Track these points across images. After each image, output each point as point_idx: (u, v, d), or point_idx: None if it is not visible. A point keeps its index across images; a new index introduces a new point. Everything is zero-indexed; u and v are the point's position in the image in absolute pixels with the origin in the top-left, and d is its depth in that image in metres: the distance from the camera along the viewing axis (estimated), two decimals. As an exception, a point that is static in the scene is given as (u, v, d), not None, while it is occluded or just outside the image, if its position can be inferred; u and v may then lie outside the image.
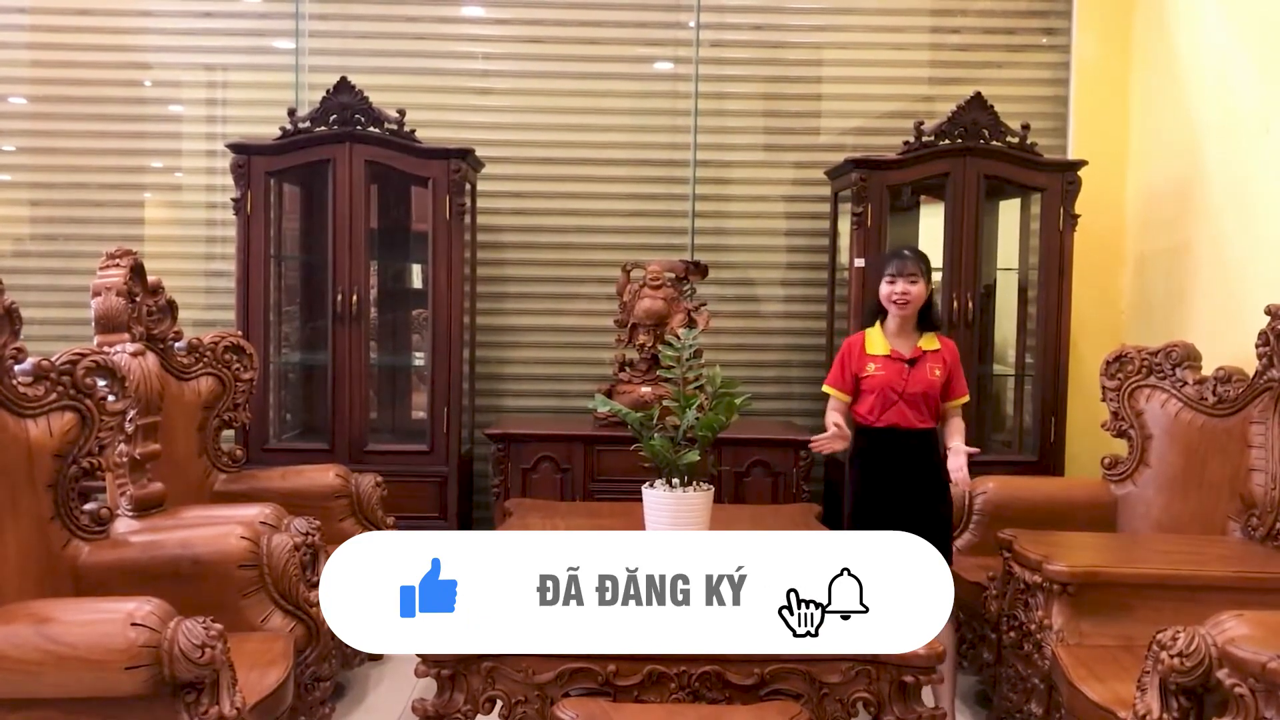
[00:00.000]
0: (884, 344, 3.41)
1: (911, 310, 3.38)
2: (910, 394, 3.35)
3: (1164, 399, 3.81)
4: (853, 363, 3.43)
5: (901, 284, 3.34)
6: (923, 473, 3.40)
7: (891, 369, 3.37)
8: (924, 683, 2.56)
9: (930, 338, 3.43)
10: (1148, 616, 2.90)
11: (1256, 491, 3.39)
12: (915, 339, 3.41)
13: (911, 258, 3.39)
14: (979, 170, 4.59)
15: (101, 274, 3.51)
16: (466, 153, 4.65)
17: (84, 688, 2.22)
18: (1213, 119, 4.40)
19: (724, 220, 5.32)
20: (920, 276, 3.35)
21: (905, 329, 3.41)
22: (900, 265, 3.36)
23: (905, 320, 3.40)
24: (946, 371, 3.41)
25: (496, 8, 5.31)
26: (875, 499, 3.38)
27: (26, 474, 2.72)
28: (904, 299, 3.34)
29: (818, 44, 5.34)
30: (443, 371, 4.68)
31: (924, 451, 3.41)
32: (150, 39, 5.29)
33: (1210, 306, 4.34)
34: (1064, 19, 5.24)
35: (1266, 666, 2.12)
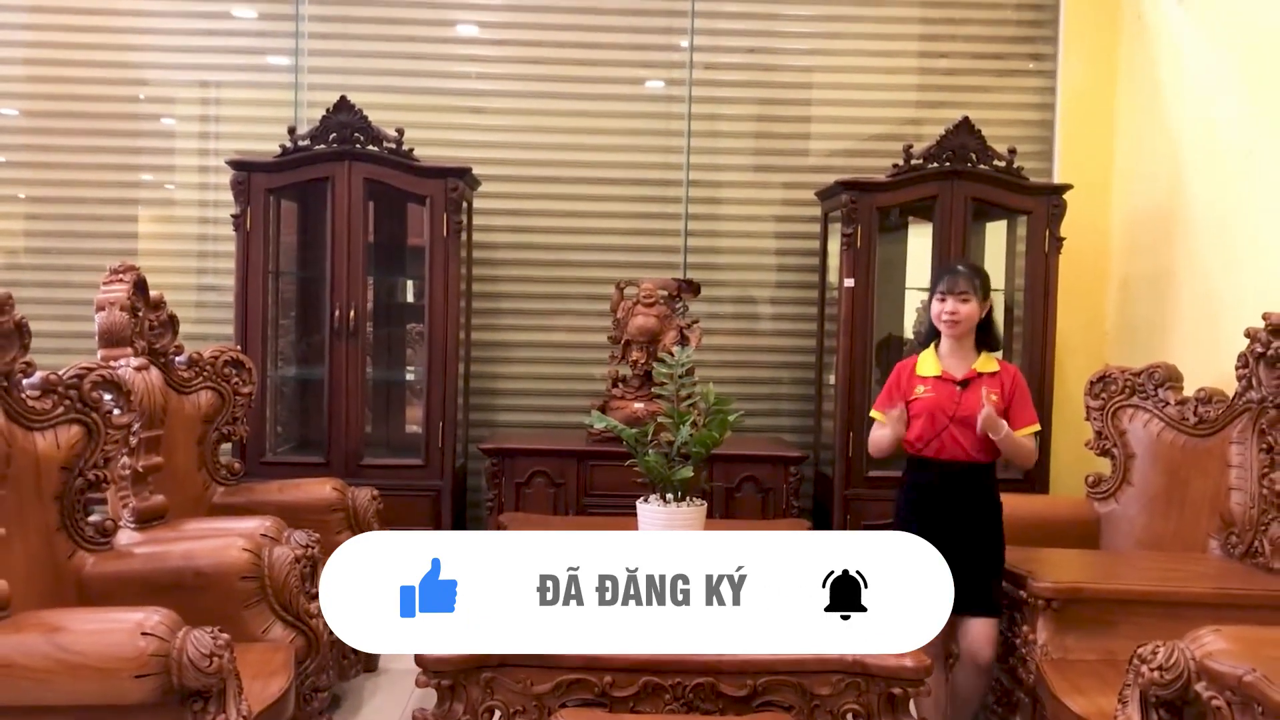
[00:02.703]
0: (935, 365, 3.22)
1: (963, 330, 3.18)
2: (962, 418, 3.14)
3: (1146, 419, 3.89)
4: (902, 386, 3.24)
5: (952, 302, 3.16)
6: (974, 512, 3.17)
7: (942, 391, 3.17)
8: (912, 695, 2.62)
9: (988, 359, 3.23)
10: (1130, 632, 2.97)
11: (1236, 510, 3.47)
12: (971, 360, 3.22)
13: (965, 274, 3.20)
14: (966, 193, 4.67)
15: (105, 289, 3.55)
16: (464, 172, 4.72)
17: (94, 696, 2.27)
18: (1195, 147, 4.50)
19: (716, 239, 5.40)
20: (973, 294, 3.16)
21: (960, 350, 3.22)
22: (951, 282, 3.18)
23: (959, 341, 3.21)
24: (1007, 398, 3.17)
25: (494, 28, 5.39)
26: (919, 534, 3.11)
27: (34, 485, 2.78)
28: (953, 318, 3.16)
29: (809, 67, 5.43)
30: (438, 386, 4.74)
31: (977, 488, 3.19)
32: (150, 55, 5.34)
33: (1192, 329, 4.43)
34: (1050, 45, 5.34)
35: (1243, 680, 2.20)
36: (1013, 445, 3.16)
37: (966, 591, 2.63)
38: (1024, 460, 3.25)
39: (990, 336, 3.28)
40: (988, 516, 3.21)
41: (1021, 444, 3.18)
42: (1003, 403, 3.17)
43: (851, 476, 4.69)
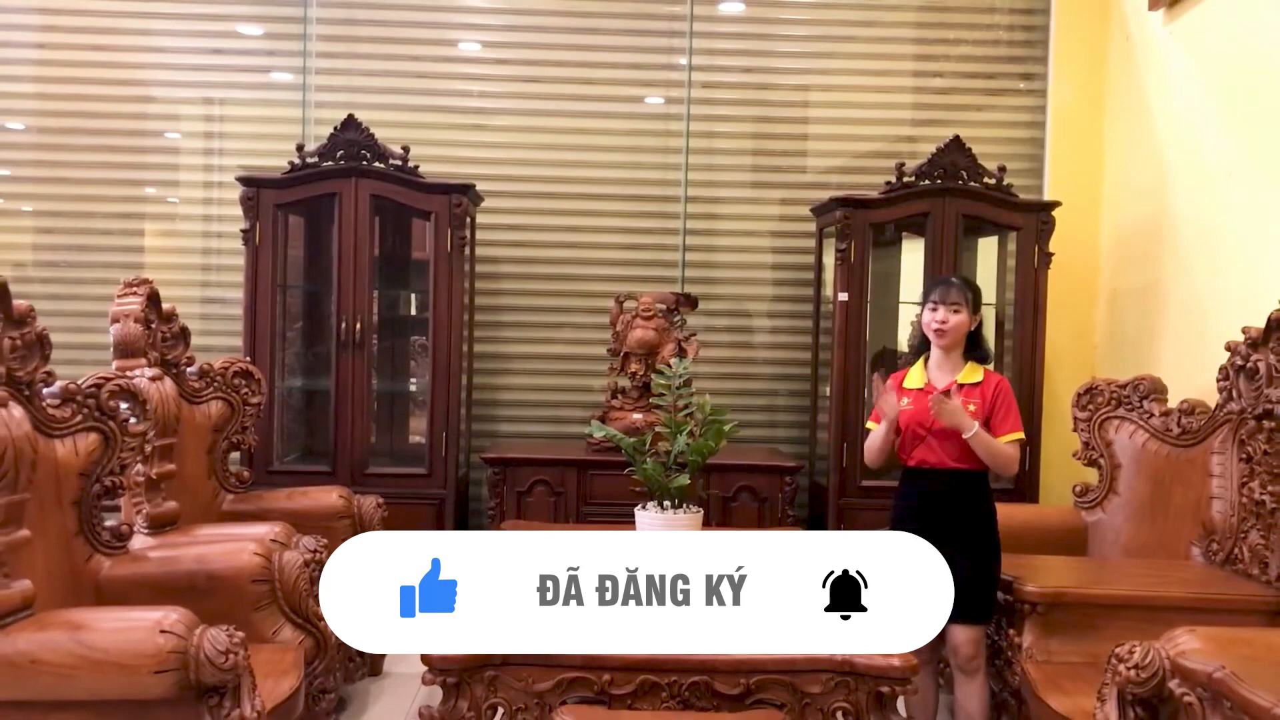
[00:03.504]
0: (921, 377, 3.29)
1: (951, 341, 3.24)
2: (940, 429, 3.17)
3: (1132, 430, 3.99)
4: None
5: (943, 311, 3.22)
6: (962, 521, 3.20)
7: (922, 402, 3.21)
8: (899, 694, 2.72)
9: (974, 370, 3.26)
10: (1112, 635, 3.00)
11: (1216, 518, 3.55)
12: (957, 373, 3.25)
13: (958, 285, 3.25)
14: (957, 210, 4.78)
15: (119, 302, 3.66)
16: (467, 188, 4.83)
17: (115, 691, 2.37)
18: (1181, 165, 4.61)
19: (713, 254, 5.51)
20: (964, 306, 3.21)
21: (947, 362, 3.28)
22: (943, 292, 3.23)
23: (947, 353, 3.27)
24: (987, 406, 3.20)
25: (496, 48, 5.51)
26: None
27: (54, 492, 2.88)
28: (943, 327, 3.22)
29: (805, 85, 5.55)
30: (441, 397, 4.84)
31: (965, 498, 3.23)
32: (157, 73, 5.45)
33: (1177, 341, 4.53)
34: (1041, 65, 5.46)
35: (1212, 676, 2.29)
36: (986, 446, 3.16)
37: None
38: (1003, 465, 3.22)
39: (979, 350, 3.32)
40: (977, 526, 3.24)
41: (998, 448, 3.18)
42: (983, 411, 3.19)
43: (846, 486, 4.78)
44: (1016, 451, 3.24)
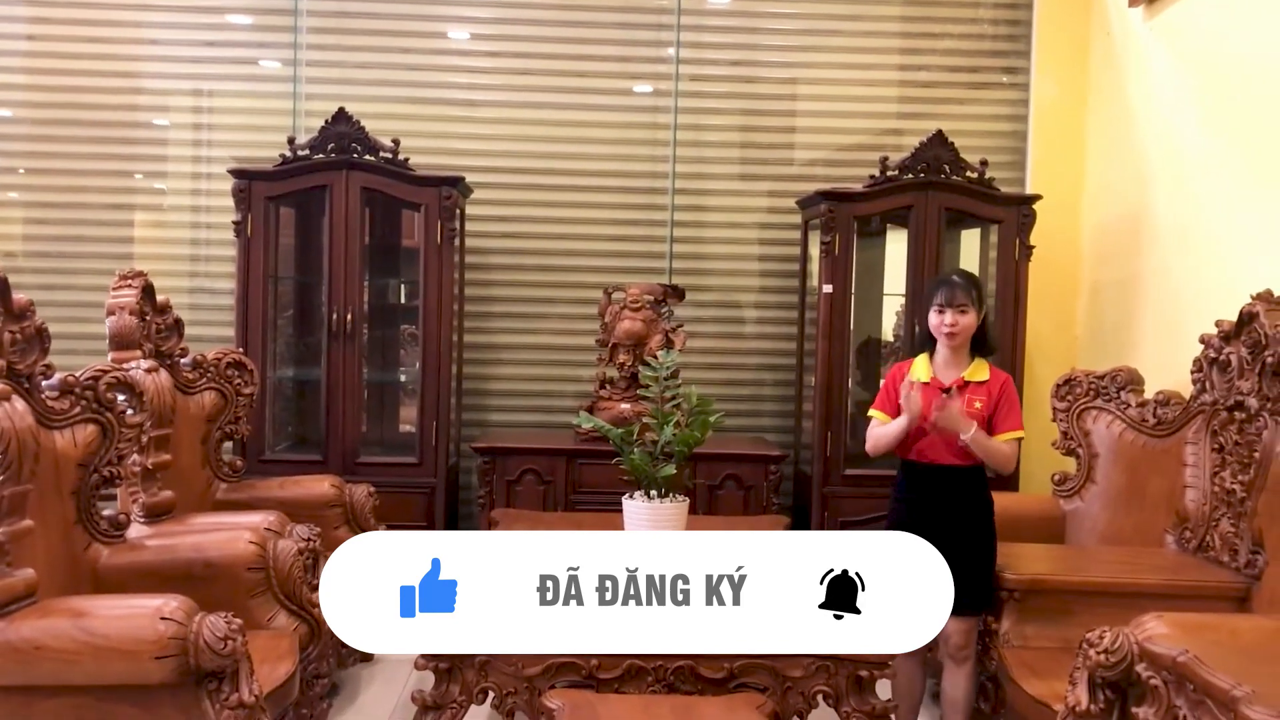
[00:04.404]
0: (927, 371, 3.31)
1: (961, 341, 3.26)
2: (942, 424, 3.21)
3: (1109, 420, 4.07)
4: (895, 389, 3.33)
5: (951, 314, 3.23)
6: (959, 514, 3.25)
7: (927, 397, 3.22)
8: (877, 677, 2.81)
9: (980, 367, 3.30)
10: (1087, 621, 3.05)
11: (1190, 507, 3.64)
12: (964, 368, 3.29)
13: (962, 285, 3.25)
14: (940, 203, 4.84)
15: (115, 294, 3.72)
16: (457, 180, 4.89)
17: (116, 676, 2.44)
18: (1160, 161, 4.68)
19: (701, 245, 5.57)
20: (970, 305, 3.23)
21: (955, 358, 3.31)
22: (950, 294, 3.24)
23: (955, 350, 3.30)
24: (992, 404, 3.23)
25: (486, 40, 5.55)
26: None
27: (53, 482, 2.93)
28: (952, 330, 3.23)
29: (791, 78, 5.60)
30: (432, 387, 4.90)
31: (962, 492, 3.27)
32: (146, 64, 5.46)
33: (1155, 333, 4.61)
34: (1024, 60, 5.52)
35: (1176, 660, 2.38)
36: (984, 447, 3.22)
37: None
38: (1001, 464, 3.29)
39: (985, 345, 3.35)
40: (974, 519, 3.30)
41: (995, 448, 3.23)
42: (988, 409, 3.24)
43: (830, 474, 4.85)
44: (1014, 450, 3.30)
